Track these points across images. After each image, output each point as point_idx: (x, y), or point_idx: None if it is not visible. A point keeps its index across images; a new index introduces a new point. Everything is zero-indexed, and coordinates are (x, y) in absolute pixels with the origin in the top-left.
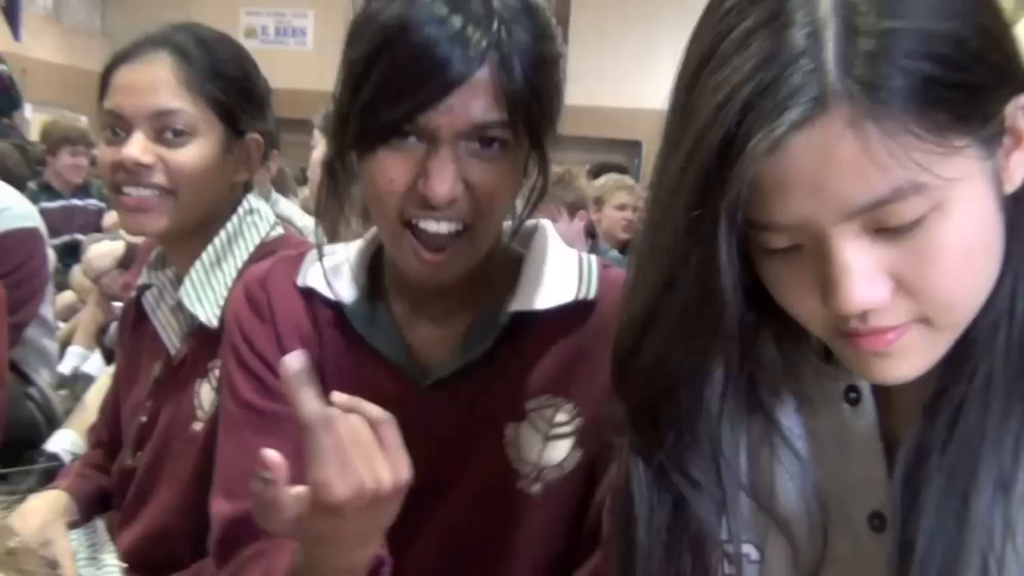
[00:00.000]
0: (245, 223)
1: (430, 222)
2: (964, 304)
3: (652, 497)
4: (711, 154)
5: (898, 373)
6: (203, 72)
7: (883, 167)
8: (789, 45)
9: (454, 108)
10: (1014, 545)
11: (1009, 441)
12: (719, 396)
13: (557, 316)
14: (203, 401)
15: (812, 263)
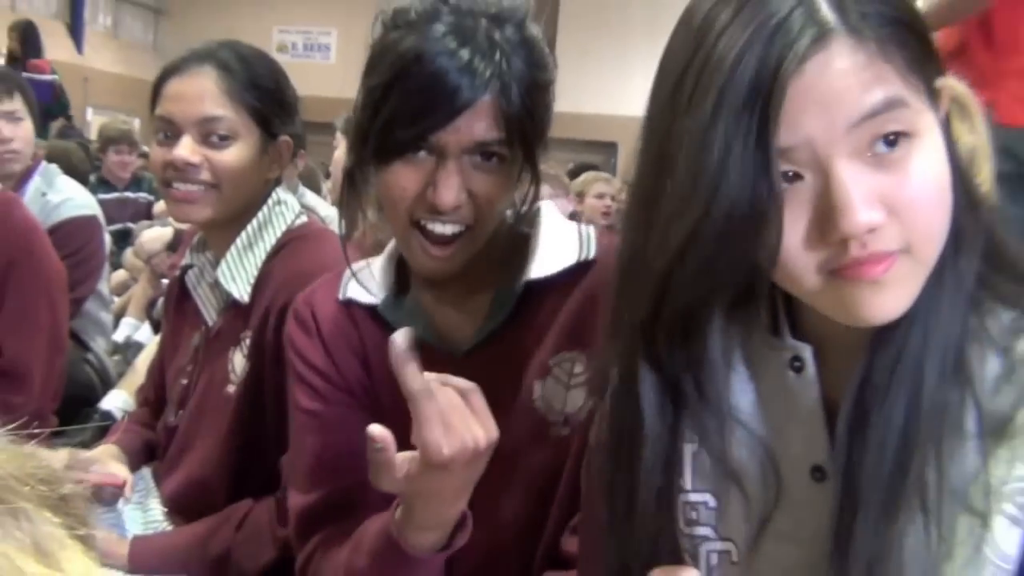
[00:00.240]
0: (274, 212)
1: (437, 224)
2: (937, 236)
3: (660, 429)
4: (744, 89)
5: (891, 306)
6: (242, 84)
7: (877, 80)
8: (780, 4)
9: (461, 128)
10: (941, 493)
11: (937, 400)
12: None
13: (564, 278)
14: (235, 367)
15: (814, 197)
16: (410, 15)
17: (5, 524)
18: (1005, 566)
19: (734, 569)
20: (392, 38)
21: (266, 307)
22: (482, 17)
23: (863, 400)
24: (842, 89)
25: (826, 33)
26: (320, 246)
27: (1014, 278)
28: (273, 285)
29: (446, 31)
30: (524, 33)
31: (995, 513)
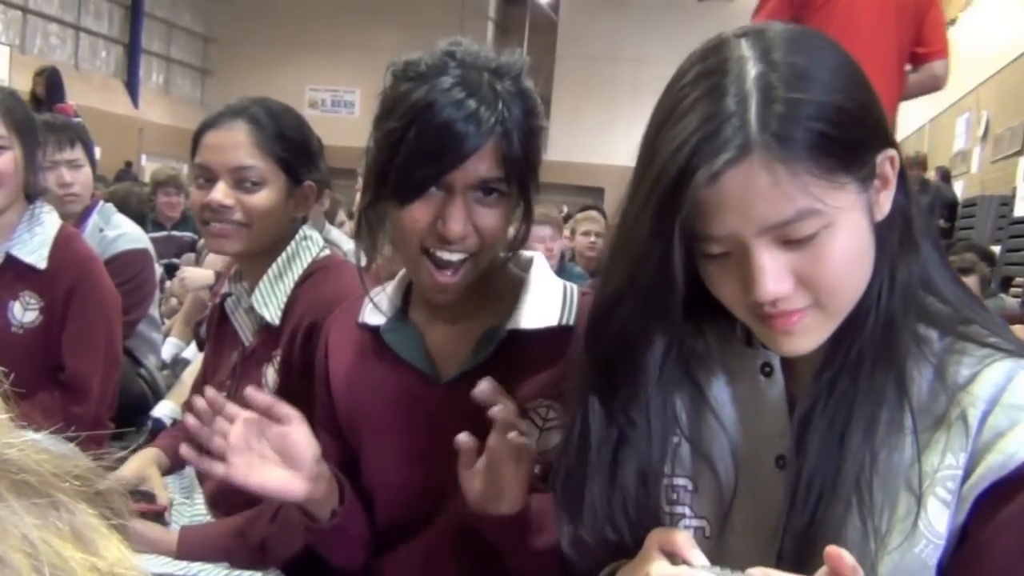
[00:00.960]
0: (301, 247)
1: (444, 252)
2: (846, 296)
3: (602, 434)
4: (669, 183)
5: (799, 346)
6: (271, 136)
7: (789, 197)
8: (724, 108)
9: (468, 168)
10: (877, 475)
11: (874, 398)
12: (659, 362)
13: (545, 335)
14: (268, 380)
15: (738, 266)
16: (420, 67)
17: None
18: (937, 541)
19: (707, 543)
20: (404, 88)
21: (294, 328)
22: (484, 71)
23: (814, 398)
24: (755, 202)
25: (748, 148)
26: (341, 275)
27: (944, 306)
28: (300, 309)
29: (454, 83)
30: (520, 85)
31: (928, 496)
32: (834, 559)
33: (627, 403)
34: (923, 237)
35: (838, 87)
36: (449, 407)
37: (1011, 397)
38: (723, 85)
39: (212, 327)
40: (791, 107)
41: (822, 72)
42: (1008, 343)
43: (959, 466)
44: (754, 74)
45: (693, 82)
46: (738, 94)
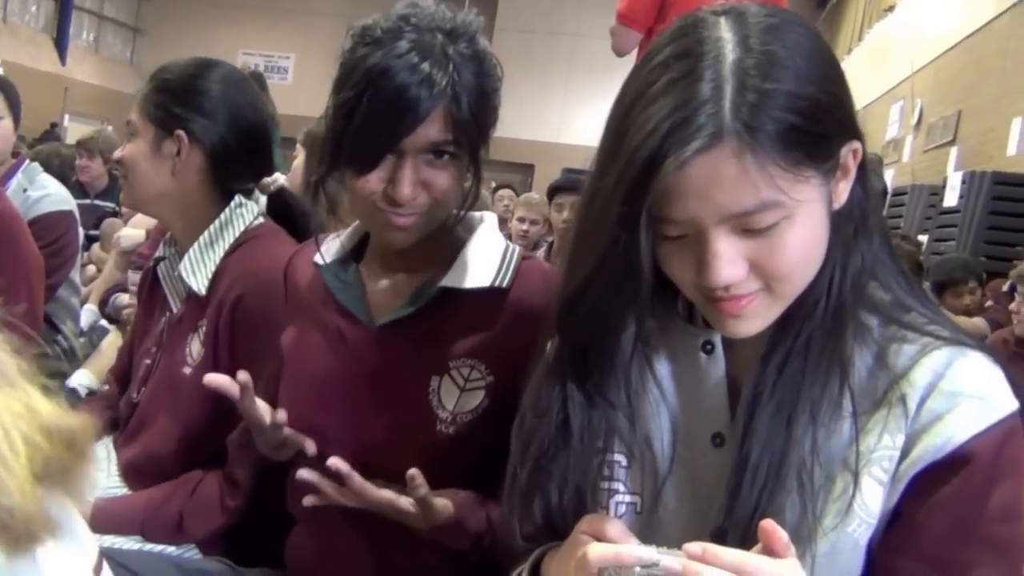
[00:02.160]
0: (235, 214)
1: (395, 215)
2: (797, 282)
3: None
4: (638, 169)
5: (746, 329)
6: (151, 89)
7: (754, 187)
8: (699, 94)
9: (418, 132)
10: (818, 458)
11: (819, 383)
12: (631, 342)
13: (477, 296)
14: (192, 351)
15: (693, 248)
16: (376, 32)
17: None
18: (870, 521)
19: (639, 519)
20: (361, 54)
21: (220, 299)
22: (438, 32)
23: (761, 381)
24: (720, 191)
25: (719, 136)
26: (273, 245)
27: (887, 295)
28: (228, 279)
29: (408, 47)
30: (475, 46)
31: (864, 476)
32: (768, 534)
33: (604, 386)
34: (875, 227)
35: (812, 78)
36: (376, 353)
37: (949, 384)
38: (699, 69)
39: (143, 291)
40: (764, 97)
41: (797, 62)
42: (947, 332)
43: (895, 447)
44: (731, 59)
45: (667, 62)
46: (714, 79)
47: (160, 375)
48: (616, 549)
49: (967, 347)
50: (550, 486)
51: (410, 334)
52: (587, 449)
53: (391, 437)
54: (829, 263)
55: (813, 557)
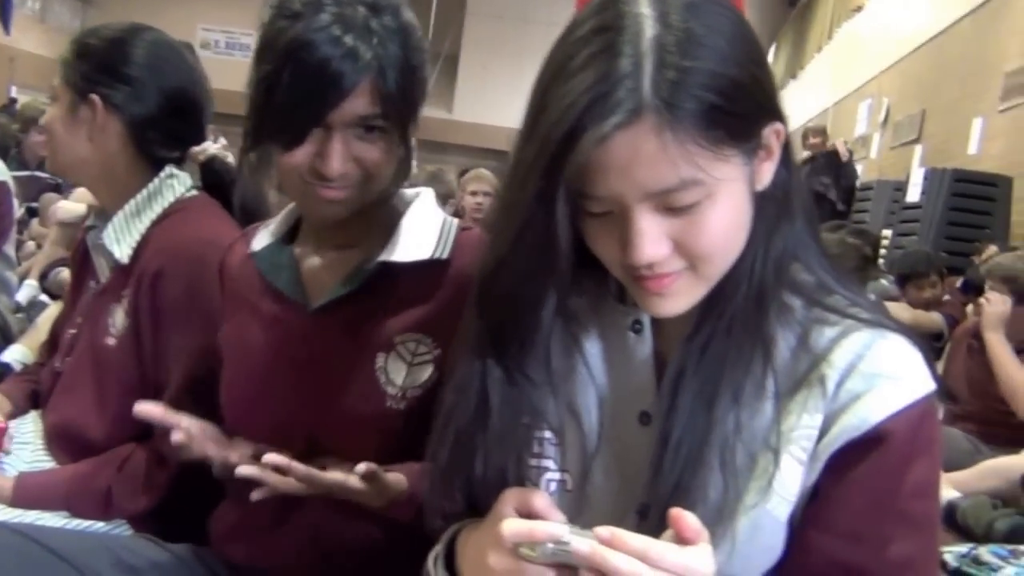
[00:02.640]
0: (165, 185)
1: (326, 190)
2: (721, 263)
3: (504, 395)
4: (556, 143)
5: (670, 308)
6: (69, 53)
7: (674, 165)
8: (618, 69)
9: (344, 107)
10: (740, 437)
11: (742, 364)
12: (551, 319)
13: (417, 269)
14: (116, 321)
15: (618, 225)
16: (296, 5)
17: None
18: (789, 498)
19: (568, 496)
20: (280, 26)
21: (142, 269)
22: (360, 5)
23: (685, 361)
24: (640, 168)
25: (639, 112)
26: (201, 217)
27: (811, 277)
28: (150, 250)
29: (330, 20)
30: (400, 19)
31: (784, 454)
32: (676, 520)
33: (524, 362)
34: (799, 210)
35: (732, 58)
36: (316, 335)
37: (868, 365)
38: (618, 43)
39: (76, 261)
40: (684, 75)
41: (717, 40)
42: (867, 314)
43: (815, 427)
44: (650, 35)
45: (587, 36)
46: (633, 55)
47: (83, 345)
48: (530, 525)
49: (887, 329)
50: (471, 464)
51: (350, 313)
52: (507, 427)
53: (341, 418)
54: (752, 244)
55: (734, 534)
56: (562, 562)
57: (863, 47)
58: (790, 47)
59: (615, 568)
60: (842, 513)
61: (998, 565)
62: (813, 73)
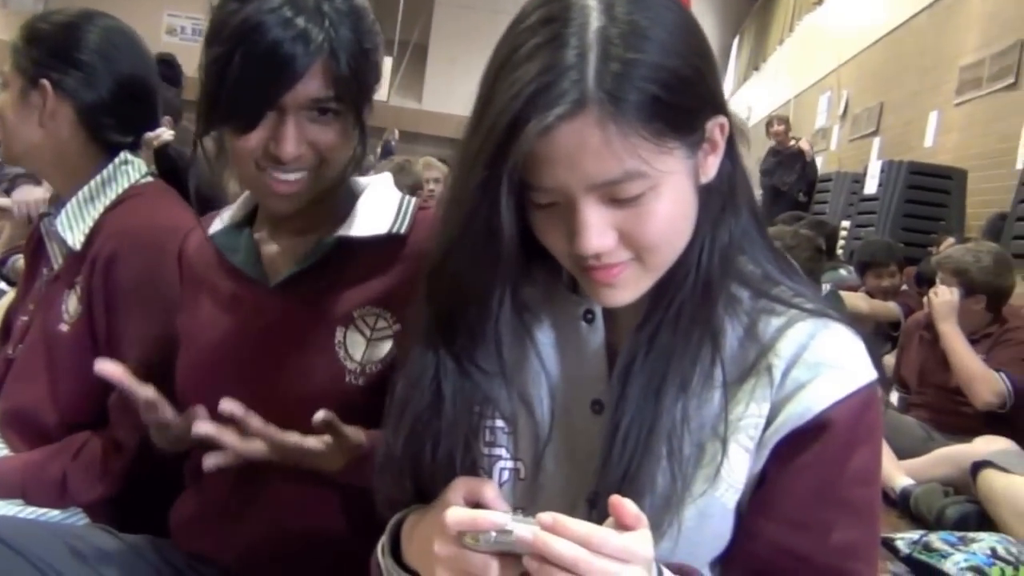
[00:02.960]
0: (119, 171)
1: (281, 173)
2: (667, 253)
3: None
4: (500, 133)
5: (618, 299)
6: (20, 37)
7: (617, 157)
8: (563, 60)
9: (297, 89)
10: (688, 428)
11: (690, 354)
12: (498, 308)
13: (376, 244)
14: (68, 308)
15: (565, 217)
16: None
17: None
18: (736, 485)
19: (521, 484)
20: (231, 8)
21: (94, 256)
22: None
23: (634, 351)
24: (584, 159)
25: (583, 104)
26: (156, 204)
27: (757, 268)
28: (103, 236)
29: (281, 2)
30: (351, 3)
31: (731, 442)
32: (616, 508)
33: (475, 353)
34: (744, 203)
35: (676, 51)
36: (275, 312)
37: (812, 355)
38: (564, 35)
39: (30, 248)
40: (627, 66)
41: (661, 33)
42: (811, 305)
43: (761, 415)
44: (595, 27)
45: (534, 27)
46: (578, 46)
47: (35, 332)
48: (473, 514)
49: (830, 319)
50: (424, 454)
51: (309, 288)
52: (460, 417)
53: (301, 393)
54: (699, 236)
55: (680, 522)
56: (505, 550)
57: (823, 40)
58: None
59: (557, 554)
60: (786, 500)
61: (948, 552)
62: (775, 66)
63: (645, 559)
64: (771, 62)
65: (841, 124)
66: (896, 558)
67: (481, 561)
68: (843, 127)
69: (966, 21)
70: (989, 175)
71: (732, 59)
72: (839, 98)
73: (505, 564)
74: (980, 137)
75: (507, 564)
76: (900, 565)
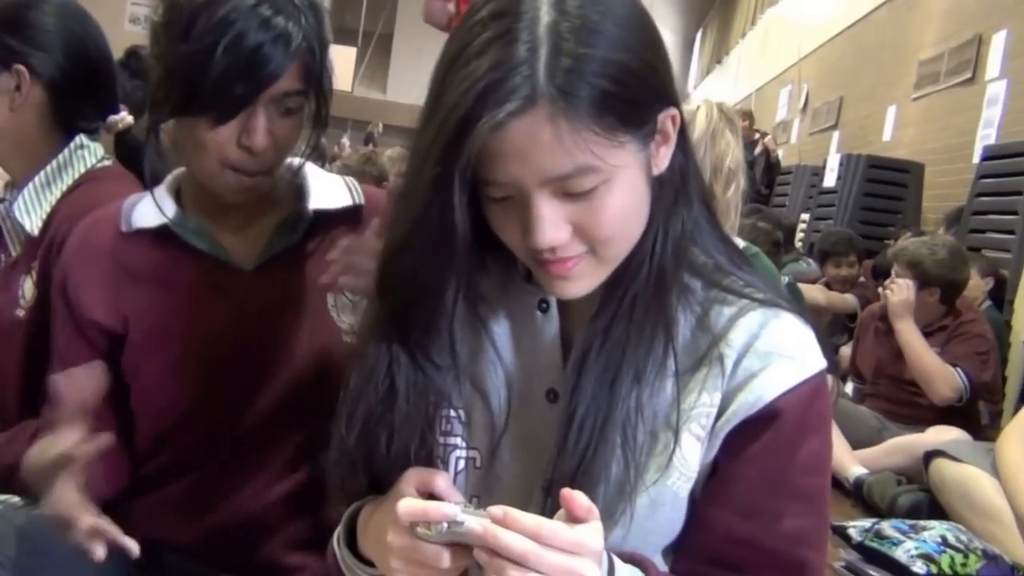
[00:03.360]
0: (75, 155)
1: (246, 164)
2: (620, 246)
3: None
4: (452, 129)
5: (573, 290)
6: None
7: (569, 152)
8: (514, 55)
9: (274, 85)
10: (642, 417)
11: (644, 344)
12: (453, 302)
13: (341, 215)
14: (25, 293)
15: (519, 211)
16: None
17: None
18: (689, 474)
19: (477, 473)
20: (199, 3)
21: (51, 239)
22: None
23: (589, 342)
24: (536, 154)
25: (534, 99)
26: (112, 187)
27: (709, 259)
28: (59, 219)
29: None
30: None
31: (683, 432)
32: (566, 500)
33: (428, 348)
34: (695, 193)
35: (626, 44)
36: (265, 294)
37: (763, 344)
38: (515, 30)
39: None
40: (578, 62)
41: (611, 28)
42: (762, 294)
43: (713, 404)
44: (546, 21)
45: (485, 21)
46: (529, 41)
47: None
48: (425, 505)
49: (780, 308)
50: (377, 449)
51: (291, 263)
52: (414, 411)
53: (305, 356)
54: (652, 227)
55: (633, 510)
56: (457, 540)
57: (785, 34)
58: (716, 33)
59: (507, 546)
60: (738, 489)
61: (899, 539)
62: (737, 59)
63: (595, 551)
64: (733, 55)
65: (801, 118)
66: (848, 545)
67: (433, 551)
68: (803, 121)
69: (925, 16)
70: (946, 169)
71: (695, 52)
72: (800, 92)
73: (457, 554)
74: (937, 131)
75: (459, 554)
76: (852, 552)
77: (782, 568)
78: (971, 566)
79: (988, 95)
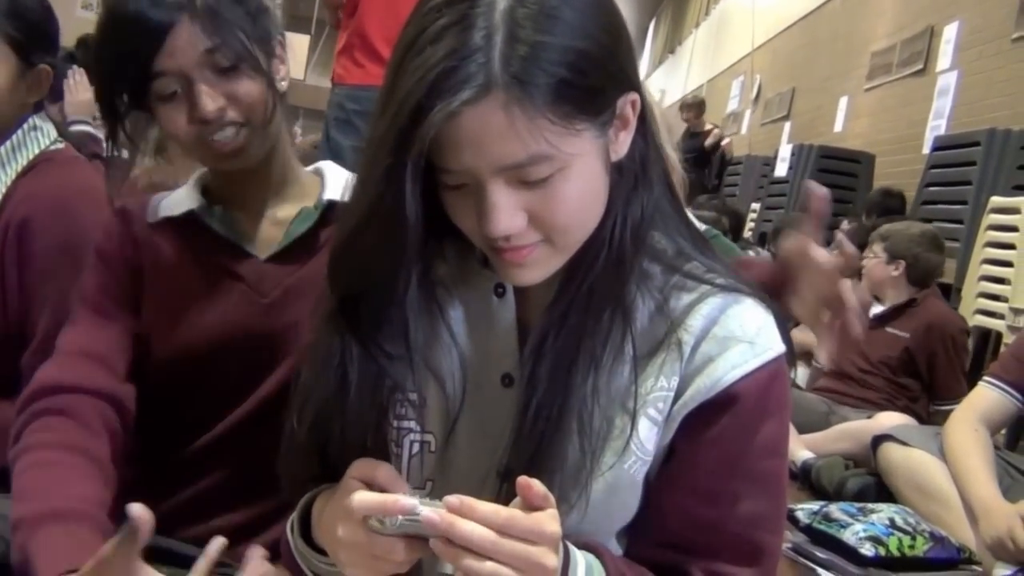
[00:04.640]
0: (29, 137)
1: (217, 134)
2: (576, 234)
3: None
4: (405, 119)
5: (528, 278)
6: (3, 13)
7: (524, 140)
8: (469, 42)
9: (177, 49)
10: (598, 403)
11: (601, 332)
12: (404, 291)
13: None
14: None
15: (474, 198)
16: None
17: None
18: (645, 458)
19: (432, 457)
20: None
21: (7, 221)
22: None
23: (546, 329)
24: (491, 143)
25: (488, 88)
26: (68, 170)
27: (669, 244)
28: (14, 201)
29: None
30: None
31: (640, 415)
32: (522, 488)
33: (381, 337)
34: (656, 178)
35: (585, 31)
36: (280, 280)
37: (721, 329)
38: (471, 16)
39: None
40: (535, 49)
41: (570, 14)
42: (723, 280)
43: (670, 388)
44: (503, 7)
45: (440, 6)
46: (485, 28)
47: None
48: (380, 498)
49: (741, 293)
50: (330, 440)
51: (307, 249)
52: (366, 401)
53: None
54: (611, 213)
55: (589, 495)
56: (411, 532)
57: (737, 24)
58: (669, 23)
59: (465, 535)
60: (695, 472)
61: (847, 522)
62: (690, 49)
63: (552, 539)
64: (686, 45)
65: (753, 108)
66: (796, 528)
67: (387, 544)
68: (755, 111)
69: (878, 7)
70: (897, 159)
71: (648, 42)
72: (752, 83)
73: (411, 547)
74: (889, 122)
75: (413, 547)
76: (800, 535)
77: (739, 551)
78: (918, 548)
79: (939, 86)
